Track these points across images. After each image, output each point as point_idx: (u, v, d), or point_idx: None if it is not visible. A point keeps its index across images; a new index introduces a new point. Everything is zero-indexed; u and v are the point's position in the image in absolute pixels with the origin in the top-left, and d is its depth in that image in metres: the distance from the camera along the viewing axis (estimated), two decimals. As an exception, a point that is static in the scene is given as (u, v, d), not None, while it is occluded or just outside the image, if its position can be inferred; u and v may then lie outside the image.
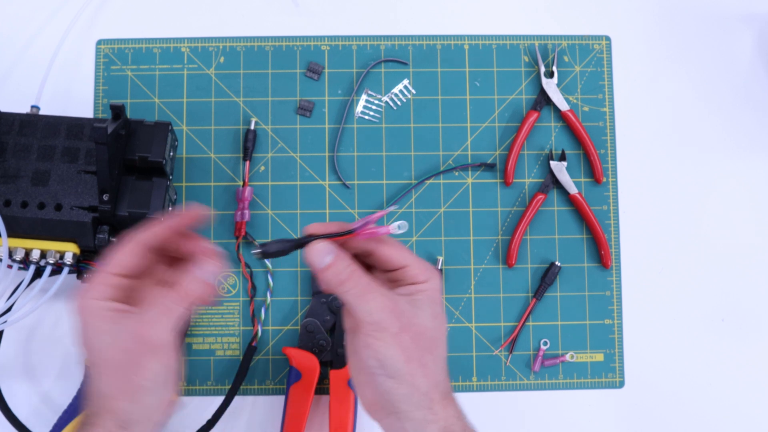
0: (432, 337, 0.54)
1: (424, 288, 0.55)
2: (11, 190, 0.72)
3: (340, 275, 0.53)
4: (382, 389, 0.54)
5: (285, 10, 0.87)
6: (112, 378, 0.54)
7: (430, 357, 0.54)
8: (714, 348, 0.84)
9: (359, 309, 0.53)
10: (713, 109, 0.87)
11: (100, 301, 0.54)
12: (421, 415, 0.54)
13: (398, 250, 0.56)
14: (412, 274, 0.55)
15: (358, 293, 0.53)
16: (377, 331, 0.53)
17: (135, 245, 0.56)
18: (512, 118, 0.85)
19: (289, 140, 0.84)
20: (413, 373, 0.53)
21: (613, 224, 0.84)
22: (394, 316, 0.53)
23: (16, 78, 0.85)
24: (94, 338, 0.54)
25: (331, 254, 0.53)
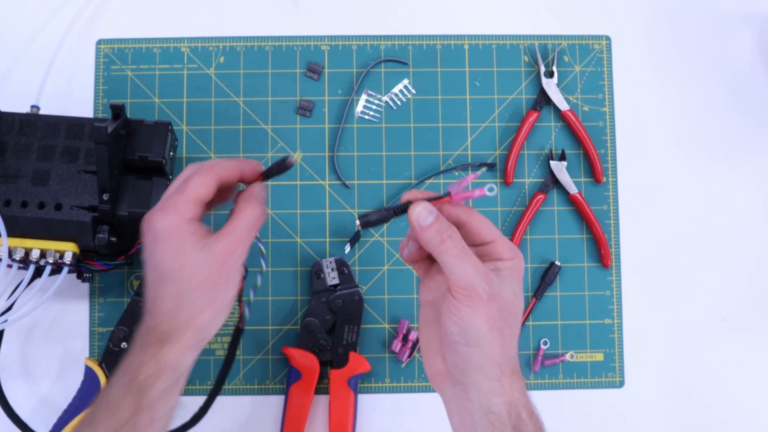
0: (513, 312, 0.55)
1: (510, 265, 0.56)
2: (11, 189, 0.72)
3: (442, 234, 0.54)
4: (458, 357, 0.55)
5: (285, 10, 0.87)
6: (203, 294, 0.57)
7: (509, 330, 0.55)
8: (714, 348, 0.84)
9: (456, 269, 0.54)
10: (713, 109, 0.87)
11: (189, 222, 0.57)
12: (489, 387, 0.54)
13: (488, 224, 0.57)
14: (500, 250, 0.56)
15: (457, 254, 0.54)
16: (469, 295, 0.53)
17: (211, 176, 0.58)
18: (512, 118, 0.85)
19: (289, 140, 0.84)
20: (493, 342, 0.54)
21: (613, 224, 0.84)
22: (487, 283, 0.54)
23: (16, 78, 0.85)
24: (184, 257, 0.56)
25: (433, 214, 0.54)
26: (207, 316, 0.57)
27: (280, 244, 0.83)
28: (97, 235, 0.72)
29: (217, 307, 0.58)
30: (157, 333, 0.57)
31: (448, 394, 0.57)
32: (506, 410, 0.54)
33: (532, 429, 0.55)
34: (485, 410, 0.54)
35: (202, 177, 0.58)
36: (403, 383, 0.82)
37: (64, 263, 0.73)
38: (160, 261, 0.57)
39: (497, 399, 0.54)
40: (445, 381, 0.57)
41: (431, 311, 0.58)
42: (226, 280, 0.58)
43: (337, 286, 0.81)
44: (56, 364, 0.81)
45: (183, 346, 0.57)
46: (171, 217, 0.57)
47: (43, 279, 0.73)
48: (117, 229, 0.74)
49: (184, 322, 0.57)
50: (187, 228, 0.57)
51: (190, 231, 0.57)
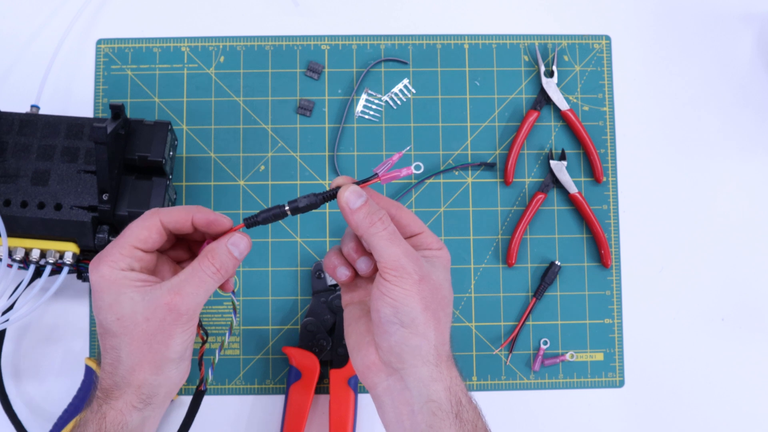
0: (444, 296, 0.55)
1: (438, 254, 0.57)
2: (11, 189, 0.72)
3: (372, 216, 0.54)
4: (393, 340, 0.54)
5: (285, 10, 0.87)
6: (138, 349, 0.54)
7: (443, 314, 0.55)
8: (714, 347, 0.84)
9: (387, 251, 0.54)
10: (713, 108, 0.87)
11: (126, 270, 0.54)
12: (428, 372, 0.54)
13: (416, 218, 0.58)
14: (428, 241, 0.57)
15: (387, 235, 0.54)
16: (400, 275, 0.53)
17: (154, 221, 0.56)
18: (512, 118, 0.85)
19: (289, 140, 0.84)
20: (428, 323, 0.54)
21: (613, 224, 0.85)
22: (417, 265, 0.54)
23: (16, 77, 0.85)
24: (120, 308, 0.53)
25: (362, 197, 0.54)
26: (145, 373, 0.54)
27: (280, 244, 0.83)
28: (97, 235, 0.72)
29: (156, 365, 0.54)
30: (102, 388, 0.55)
31: (381, 388, 0.56)
32: (446, 397, 0.54)
33: (473, 415, 0.54)
34: (425, 399, 0.54)
35: (141, 221, 0.55)
36: (403, 383, 0.82)
37: (65, 263, 0.73)
38: (98, 312, 0.55)
39: (437, 385, 0.54)
40: (378, 373, 0.56)
41: (357, 309, 0.59)
42: (167, 337, 0.54)
43: (337, 286, 0.81)
44: (57, 364, 0.81)
45: (125, 404, 0.54)
46: (105, 266, 0.54)
47: (43, 279, 0.73)
48: (117, 228, 0.74)
49: (122, 379, 0.54)
50: (124, 277, 0.54)
51: (128, 280, 0.54)
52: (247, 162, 0.84)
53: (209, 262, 0.55)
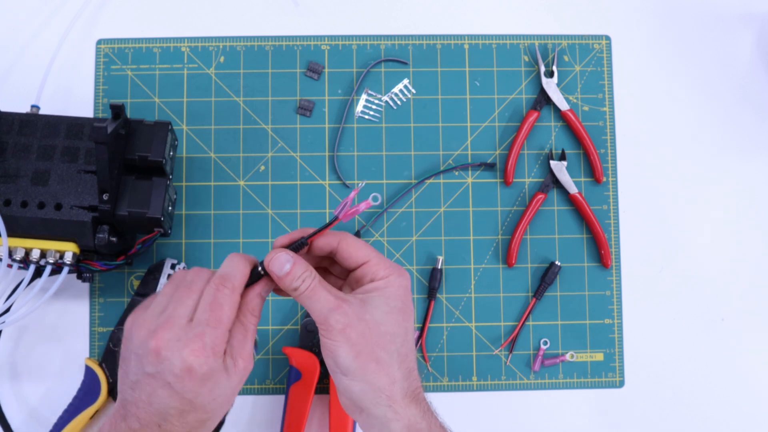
0: (385, 332, 0.55)
1: (382, 285, 0.56)
2: (11, 189, 0.72)
3: (294, 280, 0.55)
4: (342, 387, 0.56)
5: (285, 10, 0.87)
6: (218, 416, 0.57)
7: (384, 352, 0.55)
8: (714, 347, 0.84)
9: (310, 309, 0.56)
10: (713, 108, 0.87)
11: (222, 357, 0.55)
12: (382, 413, 0.55)
13: (359, 247, 0.58)
14: (372, 271, 0.57)
15: (308, 294, 0.55)
16: (326, 329, 0.55)
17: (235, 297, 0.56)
18: (512, 118, 0.85)
19: (289, 140, 0.84)
20: (365, 368, 0.54)
21: (613, 224, 0.85)
22: (340, 313, 0.54)
23: (16, 77, 0.85)
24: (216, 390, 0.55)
25: (289, 262, 0.56)
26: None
27: (280, 244, 0.83)
28: (97, 235, 0.72)
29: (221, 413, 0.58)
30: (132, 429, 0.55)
31: (359, 421, 0.58)
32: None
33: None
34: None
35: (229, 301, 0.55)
36: (403, 383, 0.82)
37: (65, 263, 0.73)
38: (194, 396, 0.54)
39: (394, 425, 0.55)
40: (350, 409, 0.58)
41: None
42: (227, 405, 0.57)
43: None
44: (57, 364, 0.81)
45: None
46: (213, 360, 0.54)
47: (43, 279, 0.73)
48: (117, 228, 0.74)
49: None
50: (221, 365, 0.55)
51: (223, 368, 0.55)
52: (247, 162, 0.84)
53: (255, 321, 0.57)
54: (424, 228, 0.84)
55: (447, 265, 0.83)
